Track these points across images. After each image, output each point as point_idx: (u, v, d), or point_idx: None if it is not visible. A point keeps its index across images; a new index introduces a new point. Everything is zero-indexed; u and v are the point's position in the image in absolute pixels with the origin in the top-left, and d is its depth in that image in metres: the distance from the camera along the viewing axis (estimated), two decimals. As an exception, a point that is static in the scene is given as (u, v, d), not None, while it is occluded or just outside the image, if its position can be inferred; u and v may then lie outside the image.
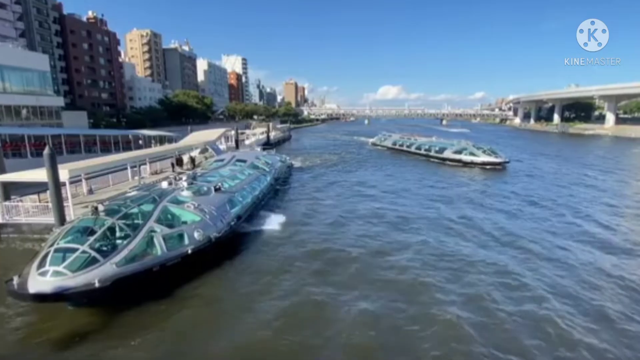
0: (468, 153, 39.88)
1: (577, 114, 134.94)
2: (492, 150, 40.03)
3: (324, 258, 14.71)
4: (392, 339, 9.52)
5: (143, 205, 13.98)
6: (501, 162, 37.80)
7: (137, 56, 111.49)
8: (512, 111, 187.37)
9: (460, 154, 40.41)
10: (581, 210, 21.94)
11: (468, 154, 39.80)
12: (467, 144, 42.79)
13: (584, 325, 10.00)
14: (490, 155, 38.60)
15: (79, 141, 37.02)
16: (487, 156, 38.55)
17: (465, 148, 41.08)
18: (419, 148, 49.11)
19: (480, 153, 39.19)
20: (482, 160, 38.39)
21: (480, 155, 38.82)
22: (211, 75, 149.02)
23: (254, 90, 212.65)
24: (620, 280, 12.75)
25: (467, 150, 40.54)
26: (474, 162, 38.71)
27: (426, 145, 48.14)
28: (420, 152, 47.95)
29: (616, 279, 12.86)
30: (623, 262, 14.38)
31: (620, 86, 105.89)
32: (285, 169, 34.34)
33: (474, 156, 39.11)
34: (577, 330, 9.78)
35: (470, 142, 43.59)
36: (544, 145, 73.20)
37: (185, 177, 18.57)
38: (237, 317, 10.63)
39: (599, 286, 12.38)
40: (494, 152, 39.33)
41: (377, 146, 63.51)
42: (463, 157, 39.80)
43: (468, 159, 39.19)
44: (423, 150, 47.67)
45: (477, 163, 38.52)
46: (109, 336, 9.74)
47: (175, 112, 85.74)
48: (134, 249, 11.63)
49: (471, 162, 38.83)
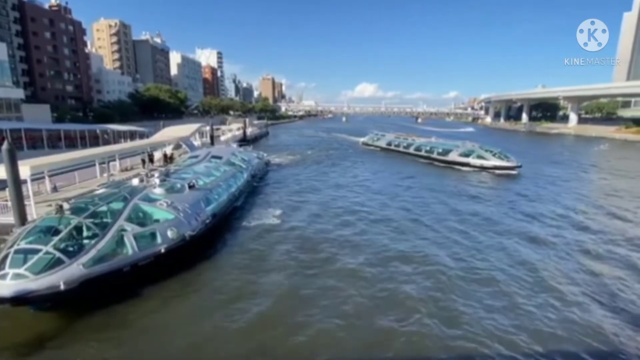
0: (476, 156, 36.81)
1: (544, 113, 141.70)
2: (502, 153, 36.93)
3: (301, 259, 14.68)
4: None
5: (112, 203, 13.45)
6: (514, 167, 34.84)
7: (105, 47, 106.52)
8: (484, 110, 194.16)
9: (468, 157, 37.25)
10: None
11: (476, 157, 36.75)
12: (474, 146, 39.50)
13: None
14: (502, 159, 35.66)
15: (42, 136, 35.01)
16: (499, 160, 35.62)
17: (473, 150, 37.90)
18: (419, 149, 45.34)
19: (490, 156, 36.17)
20: (492, 164, 35.32)
21: (490, 159, 35.85)
22: (185, 68, 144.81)
23: (229, 85, 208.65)
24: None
25: (475, 152, 37.35)
26: (483, 167, 35.63)
27: (427, 147, 44.37)
28: (421, 154, 44.29)
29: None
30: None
31: (582, 88, 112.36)
32: (263, 166, 34.00)
33: (483, 160, 36.06)
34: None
35: (477, 144, 40.19)
36: (515, 143, 75.74)
37: (158, 174, 17.99)
38: (208, 316, 10.46)
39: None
40: (506, 156, 36.36)
41: (369, 146, 58.87)
42: (471, 160, 36.66)
43: (477, 163, 36.16)
44: (424, 152, 43.97)
45: (488, 167, 35.37)
46: (74, 340, 9.32)
47: (147, 107, 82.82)
48: (103, 249, 11.17)
49: (481, 167, 35.74)
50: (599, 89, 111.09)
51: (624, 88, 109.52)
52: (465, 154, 37.93)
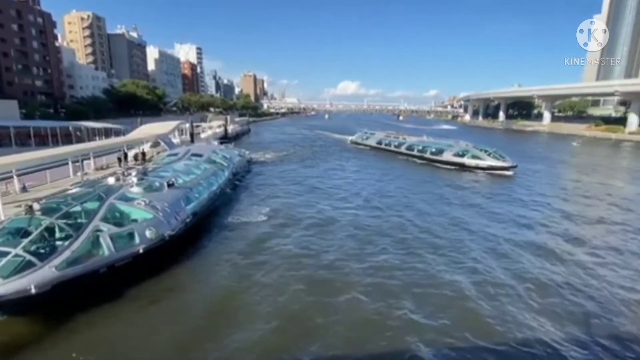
0: (471, 156, 35.90)
1: (520, 111, 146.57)
2: (497, 153, 36.02)
3: (285, 257, 14.57)
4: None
5: (87, 203, 12.97)
6: (509, 167, 33.89)
7: (77, 41, 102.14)
8: (463, 108, 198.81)
9: (463, 157, 36.34)
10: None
11: (471, 157, 35.84)
12: (467, 145, 38.57)
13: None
14: (498, 159, 34.73)
15: (9, 133, 33.36)
16: (494, 160, 34.67)
17: (467, 150, 37.01)
18: (411, 149, 44.20)
19: (486, 156, 35.20)
20: (488, 165, 34.38)
21: (485, 159, 34.91)
22: (163, 64, 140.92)
23: (210, 82, 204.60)
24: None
25: (470, 152, 36.44)
26: (479, 167, 34.69)
27: (419, 146, 43.23)
28: (413, 154, 43.14)
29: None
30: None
31: (555, 87, 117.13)
32: (245, 164, 33.59)
33: (478, 160, 35.14)
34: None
35: (470, 144, 39.37)
36: (494, 141, 77.54)
37: (135, 173, 17.48)
38: (189, 317, 10.26)
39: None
40: (501, 156, 35.42)
41: (358, 145, 56.95)
42: (466, 160, 35.79)
43: (472, 163, 35.24)
44: (416, 152, 42.81)
45: (483, 167, 34.44)
46: (48, 346, 8.93)
47: (123, 103, 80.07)
48: (77, 250, 10.73)
49: (476, 167, 34.83)
50: (570, 89, 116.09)
51: (593, 88, 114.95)
52: (459, 154, 36.99)
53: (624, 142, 77.25)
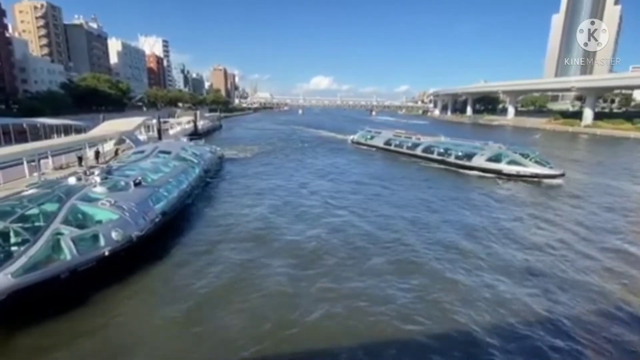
0: (509, 161, 30.01)
1: (486, 106, 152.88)
2: (539, 157, 30.42)
3: (254, 255, 14.41)
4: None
5: (45, 205, 12.20)
6: (557, 175, 28.60)
7: (30, 32, 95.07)
8: (433, 103, 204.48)
9: (499, 162, 30.35)
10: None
11: (509, 162, 29.96)
12: (501, 147, 32.45)
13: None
14: (543, 165, 29.32)
15: (-46, 131, 30.62)
16: (538, 166, 29.14)
17: (503, 154, 31.06)
18: (429, 151, 37.80)
19: (527, 161, 29.54)
20: (532, 172, 28.79)
21: (528, 165, 29.23)
22: (126, 57, 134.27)
23: (177, 76, 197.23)
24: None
25: (507, 157, 30.50)
26: (520, 174, 29.01)
27: (439, 148, 36.88)
28: (432, 157, 36.67)
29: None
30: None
31: (518, 83, 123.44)
32: (217, 160, 32.79)
33: (519, 166, 29.37)
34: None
35: (503, 145, 33.08)
36: (465, 134, 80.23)
37: (98, 172, 16.60)
38: (159, 319, 9.94)
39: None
40: (546, 161, 29.98)
41: (360, 145, 50.28)
42: (504, 167, 29.81)
43: (512, 170, 29.39)
44: (436, 155, 36.43)
45: (526, 175, 28.86)
46: (9, 357, 8.36)
47: (84, 99, 75.55)
48: (35, 256, 10.05)
49: (517, 174, 29.11)
50: (532, 84, 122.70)
51: (552, 84, 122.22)
52: (494, 159, 30.96)
53: (580, 134, 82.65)
